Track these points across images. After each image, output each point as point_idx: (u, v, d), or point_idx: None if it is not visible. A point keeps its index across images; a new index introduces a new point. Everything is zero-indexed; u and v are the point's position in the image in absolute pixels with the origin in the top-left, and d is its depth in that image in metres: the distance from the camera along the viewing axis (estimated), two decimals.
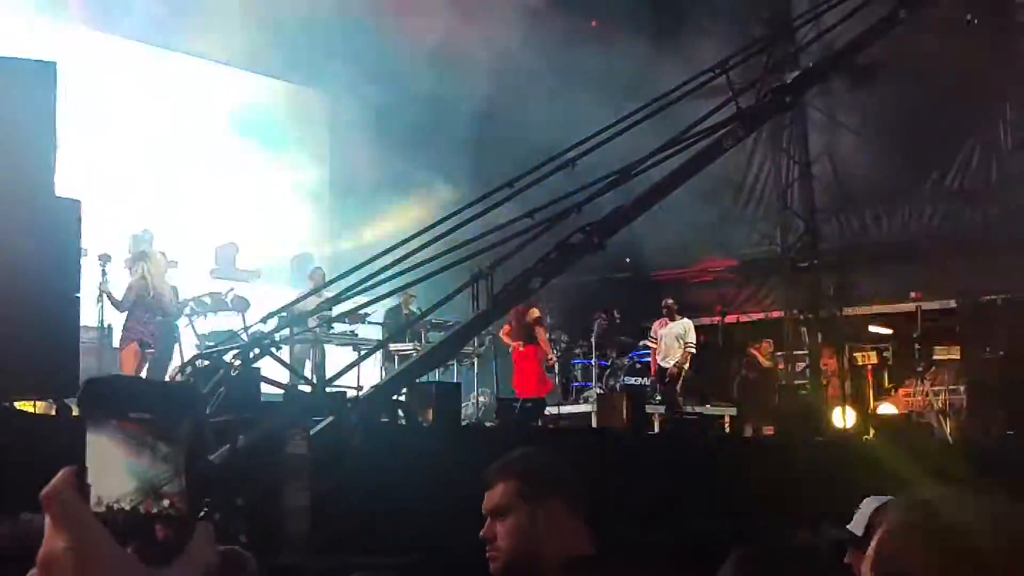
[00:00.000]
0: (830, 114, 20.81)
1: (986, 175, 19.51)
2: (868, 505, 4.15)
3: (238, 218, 19.30)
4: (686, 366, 17.18)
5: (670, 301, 17.63)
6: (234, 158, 19.89)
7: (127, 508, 1.73)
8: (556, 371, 17.26)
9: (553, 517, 3.13)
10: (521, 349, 15.37)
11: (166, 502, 1.72)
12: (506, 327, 15.15)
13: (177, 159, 18.77)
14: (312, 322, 13.08)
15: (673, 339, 17.19)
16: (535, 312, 15.42)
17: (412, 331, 15.44)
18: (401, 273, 5.33)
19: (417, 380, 8.81)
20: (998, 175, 19.34)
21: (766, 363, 18.67)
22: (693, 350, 17.28)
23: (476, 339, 14.77)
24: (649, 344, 17.78)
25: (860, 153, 20.39)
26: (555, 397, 16.49)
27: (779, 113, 5.14)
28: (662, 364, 17.29)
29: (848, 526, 4.15)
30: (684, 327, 17.27)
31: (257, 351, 4.65)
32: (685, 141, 5.18)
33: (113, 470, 1.73)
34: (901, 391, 18.57)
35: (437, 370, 12.97)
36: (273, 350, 4.70)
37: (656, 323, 17.70)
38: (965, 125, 19.55)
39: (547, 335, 16.30)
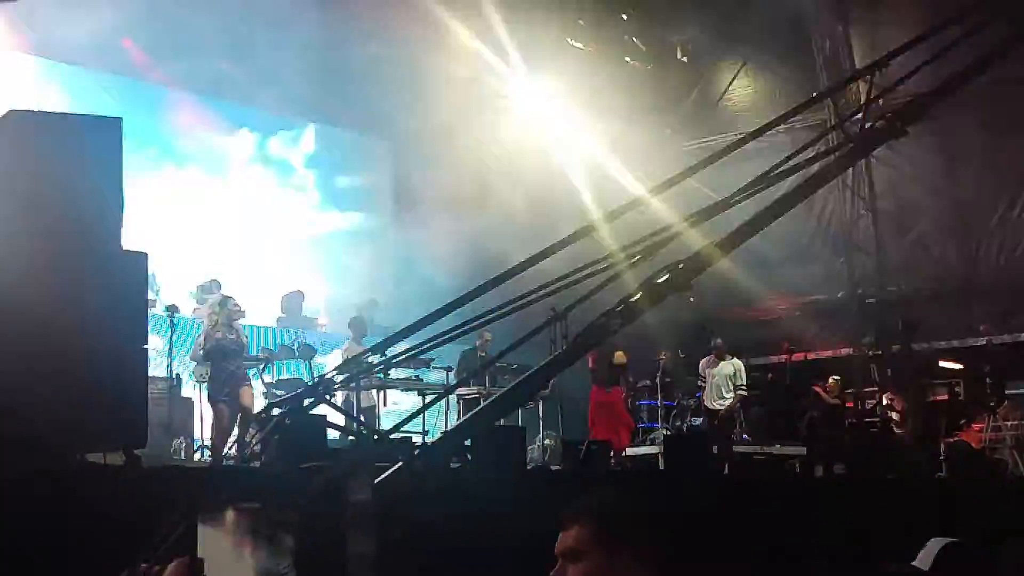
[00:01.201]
0: (894, 148, 20.61)
1: None
2: (935, 544, 4.13)
3: (304, 266, 19.47)
4: (738, 407, 16.88)
5: (719, 341, 17.29)
6: (300, 207, 20.11)
7: None
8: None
9: (626, 565, 3.07)
10: (608, 391, 15.32)
11: None
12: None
13: (243, 209, 19.01)
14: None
15: (723, 379, 16.87)
16: (622, 357, 15.36)
17: (481, 374, 15.39)
18: (471, 320, 5.29)
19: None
20: None
21: (831, 401, 18.36)
22: (744, 392, 16.97)
23: None
24: (700, 384, 17.50)
25: (925, 187, 20.20)
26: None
27: (894, 139, 5.02)
28: (709, 406, 16.99)
29: (914, 563, 4.13)
30: (735, 367, 16.93)
31: (312, 399, 4.64)
32: (780, 172, 5.08)
33: (229, 562, 1.74)
34: (974, 426, 18.26)
35: None
36: (328, 397, 4.69)
37: (703, 361, 17.46)
38: None
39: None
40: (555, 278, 5.06)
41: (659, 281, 4.50)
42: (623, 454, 15.16)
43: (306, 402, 4.56)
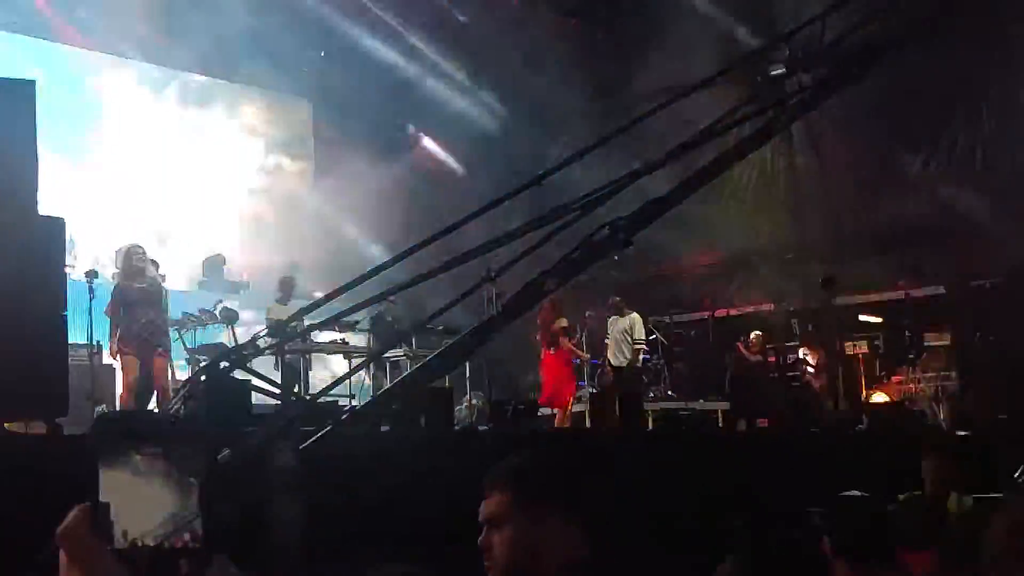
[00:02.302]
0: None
1: (970, 159, 19.43)
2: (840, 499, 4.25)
3: (225, 229, 19.26)
4: (654, 361, 17.07)
5: (617, 298, 17.30)
6: (219, 170, 19.88)
7: (152, 544, 1.75)
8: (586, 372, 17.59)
9: (550, 525, 3.07)
10: (552, 353, 15.57)
11: (188, 536, 1.74)
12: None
13: (162, 173, 18.76)
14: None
15: (620, 335, 16.95)
16: (563, 322, 15.63)
17: (400, 337, 15.30)
18: (405, 285, 5.23)
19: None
20: (982, 159, 19.25)
21: (753, 357, 18.59)
22: (643, 346, 17.12)
23: None
24: (606, 342, 17.60)
25: (843, 141, 20.35)
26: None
27: (851, 85, 5.01)
28: (613, 362, 17.10)
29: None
30: (630, 322, 16.93)
31: (228, 363, 4.59)
32: (721, 127, 5.06)
33: (137, 505, 1.75)
34: (894, 379, 18.57)
35: None
36: (247, 362, 4.63)
37: (609, 320, 17.57)
38: (947, 110, 19.46)
39: (571, 342, 16.44)
40: (488, 239, 5.02)
41: (597, 239, 4.46)
42: (565, 411, 15.39)
43: (223, 366, 4.52)
